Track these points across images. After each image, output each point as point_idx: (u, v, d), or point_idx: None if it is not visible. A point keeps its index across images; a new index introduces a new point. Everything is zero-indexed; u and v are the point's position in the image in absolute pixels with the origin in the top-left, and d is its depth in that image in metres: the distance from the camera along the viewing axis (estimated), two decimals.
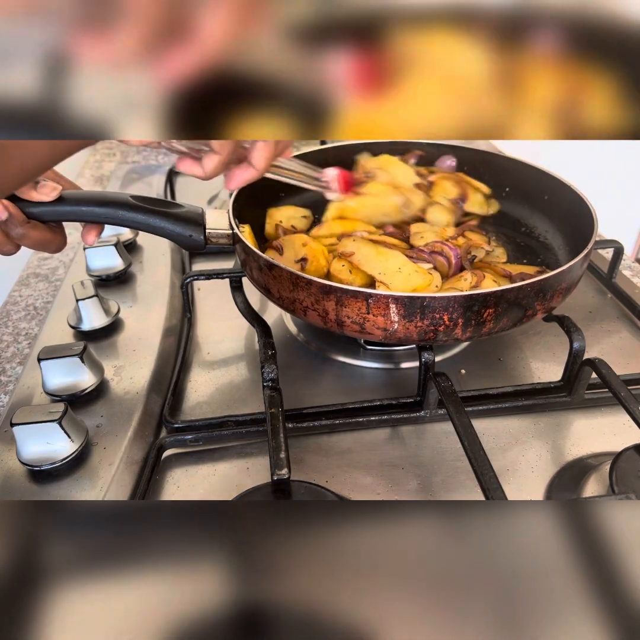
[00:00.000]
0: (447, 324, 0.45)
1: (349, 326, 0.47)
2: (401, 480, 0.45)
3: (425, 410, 0.50)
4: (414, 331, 0.46)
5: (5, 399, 0.53)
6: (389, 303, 0.44)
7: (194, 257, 0.74)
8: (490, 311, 0.45)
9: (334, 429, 0.49)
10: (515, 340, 0.60)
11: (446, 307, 0.44)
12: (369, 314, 0.45)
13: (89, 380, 0.51)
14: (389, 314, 0.45)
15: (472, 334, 0.47)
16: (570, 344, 0.50)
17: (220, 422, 0.49)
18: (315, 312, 0.48)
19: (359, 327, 0.47)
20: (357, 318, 0.46)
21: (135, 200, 0.49)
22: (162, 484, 0.45)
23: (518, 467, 0.46)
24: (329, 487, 0.42)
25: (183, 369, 0.56)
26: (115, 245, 0.67)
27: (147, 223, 0.49)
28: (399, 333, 0.46)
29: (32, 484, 0.43)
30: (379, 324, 0.46)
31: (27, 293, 0.69)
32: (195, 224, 0.51)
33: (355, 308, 0.46)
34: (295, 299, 0.48)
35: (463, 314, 0.45)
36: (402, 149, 0.72)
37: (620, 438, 0.48)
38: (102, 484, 0.43)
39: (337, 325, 0.48)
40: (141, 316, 0.61)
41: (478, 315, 0.45)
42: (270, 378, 0.47)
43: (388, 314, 0.45)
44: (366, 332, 0.47)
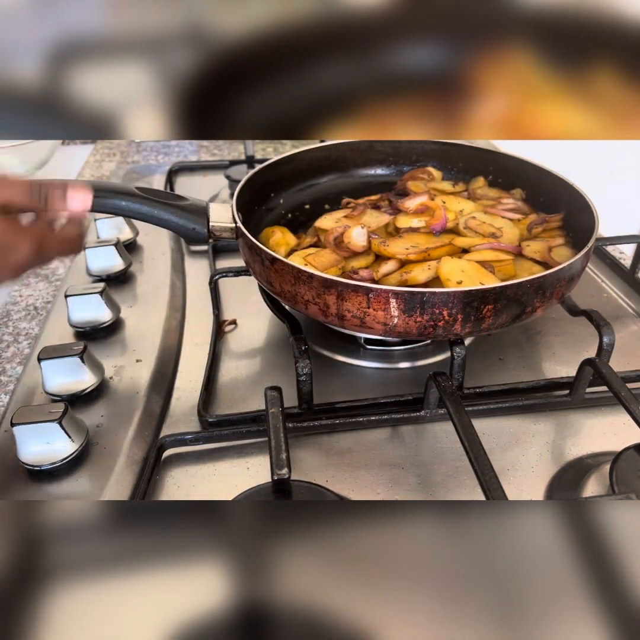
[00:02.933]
0: (446, 319, 0.46)
1: (349, 320, 0.47)
2: (401, 480, 0.45)
3: (425, 410, 0.49)
4: (414, 326, 0.46)
5: (6, 399, 0.53)
6: (389, 298, 0.45)
7: (217, 255, 0.74)
8: (489, 307, 0.46)
9: (334, 429, 0.49)
10: (515, 339, 0.60)
11: (446, 302, 0.45)
12: (370, 308, 0.46)
13: (89, 380, 0.51)
14: (389, 309, 0.45)
15: (471, 330, 0.47)
16: (599, 338, 0.50)
17: (254, 416, 0.49)
18: (316, 306, 0.48)
19: (359, 322, 0.47)
20: (357, 312, 0.46)
21: (140, 192, 0.49)
22: (162, 484, 0.45)
23: (518, 467, 0.46)
24: (329, 487, 0.42)
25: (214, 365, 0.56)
26: (116, 245, 0.67)
27: (152, 214, 0.50)
28: (398, 328, 0.46)
29: (32, 484, 0.43)
30: (379, 319, 0.46)
31: (28, 293, 0.69)
32: (199, 217, 0.52)
33: (356, 302, 0.46)
34: (297, 293, 0.49)
35: (462, 310, 0.45)
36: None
37: (621, 438, 0.48)
38: (102, 484, 0.43)
39: (337, 319, 0.48)
40: (141, 316, 0.61)
41: (477, 311, 0.46)
42: (305, 373, 0.47)
43: (388, 308, 0.45)
44: (366, 327, 0.47)
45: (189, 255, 0.76)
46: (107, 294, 0.60)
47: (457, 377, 0.50)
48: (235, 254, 0.75)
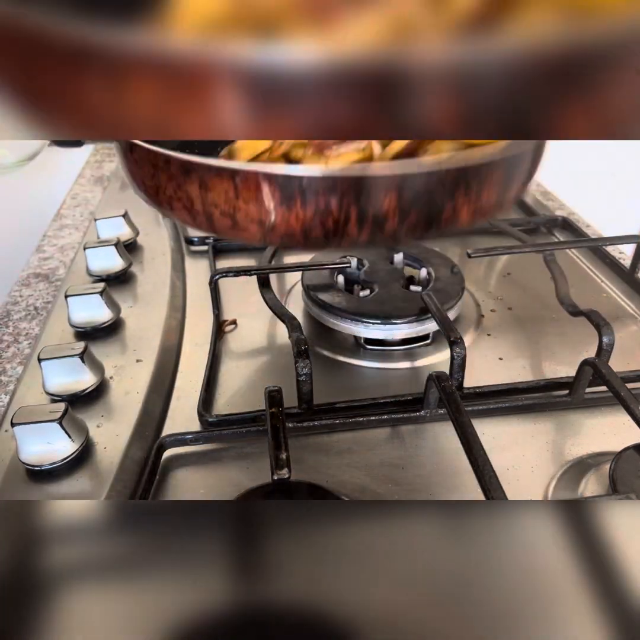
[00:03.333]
0: (335, 216, 0.35)
1: (219, 221, 0.37)
2: (401, 480, 0.45)
3: (425, 409, 0.50)
4: (297, 226, 0.36)
5: (6, 399, 0.53)
6: (260, 182, 0.34)
7: (217, 255, 0.74)
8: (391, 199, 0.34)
9: (334, 429, 0.49)
10: (515, 339, 0.60)
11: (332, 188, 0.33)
12: (239, 199, 0.35)
13: (89, 380, 0.51)
14: (262, 199, 0.35)
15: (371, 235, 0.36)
16: (599, 338, 0.50)
17: (254, 416, 0.49)
18: (180, 203, 0.38)
19: (231, 221, 0.37)
20: (225, 207, 0.36)
21: None
22: (163, 484, 0.45)
23: (518, 466, 0.46)
24: (329, 487, 0.42)
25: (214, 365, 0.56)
26: (116, 245, 0.67)
27: None
28: (278, 229, 0.36)
29: (32, 483, 0.43)
30: (253, 215, 0.36)
31: (28, 293, 0.69)
32: None
33: (222, 191, 0.35)
34: (158, 187, 0.38)
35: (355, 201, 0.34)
36: None
37: (621, 438, 0.48)
38: (103, 484, 0.43)
39: (206, 220, 0.38)
40: (142, 316, 0.62)
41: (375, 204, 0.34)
42: (305, 373, 0.47)
43: (261, 198, 0.35)
44: (240, 229, 0.37)
45: (189, 255, 0.76)
46: (108, 294, 0.60)
47: (457, 377, 0.50)
48: (236, 254, 0.76)
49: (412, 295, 0.59)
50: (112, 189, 0.95)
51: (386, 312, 0.57)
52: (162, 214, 0.43)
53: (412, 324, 0.57)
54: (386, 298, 0.59)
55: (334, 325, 0.58)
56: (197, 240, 0.77)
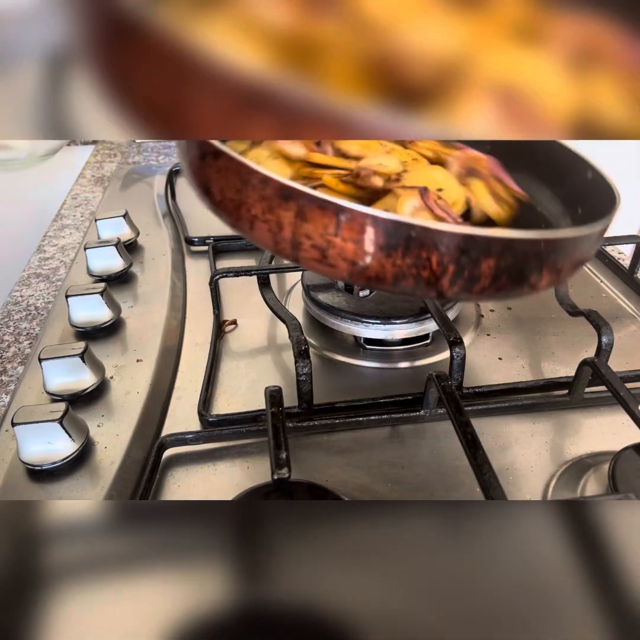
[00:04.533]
0: (433, 270, 0.35)
1: (306, 251, 0.36)
2: (401, 480, 0.45)
3: (425, 409, 0.50)
4: (390, 271, 0.35)
5: (7, 399, 0.53)
6: (366, 225, 0.34)
7: (217, 255, 0.74)
8: (490, 262, 0.35)
9: (334, 429, 0.49)
10: (515, 339, 0.60)
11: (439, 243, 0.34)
12: (337, 236, 0.34)
13: (89, 380, 0.51)
14: (362, 241, 0.34)
15: (459, 292, 0.37)
16: (598, 338, 0.50)
17: (254, 416, 0.49)
18: (265, 225, 0.36)
19: (320, 255, 0.36)
20: (319, 240, 0.35)
21: None
22: (163, 484, 0.45)
23: (517, 466, 0.46)
24: (329, 487, 0.43)
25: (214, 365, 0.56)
26: (116, 245, 0.68)
27: None
28: (369, 271, 0.36)
29: (32, 483, 0.43)
30: (347, 254, 0.35)
31: (28, 293, 0.70)
32: None
33: (320, 225, 0.34)
34: (242, 203, 0.37)
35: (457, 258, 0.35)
36: None
37: (620, 437, 0.48)
38: (103, 483, 0.43)
39: (290, 248, 0.37)
40: (142, 316, 0.62)
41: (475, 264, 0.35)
42: (305, 372, 0.47)
43: (362, 240, 0.34)
44: (327, 264, 0.36)
45: (189, 255, 0.76)
46: (108, 294, 0.60)
47: (456, 377, 0.50)
48: (236, 254, 0.76)
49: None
50: (113, 189, 0.95)
51: (386, 312, 0.57)
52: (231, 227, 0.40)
53: (412, 324, 0.57)
54: (386, 298, 0.59)
55: (333, 325, 0.58)
56: (197, 240, 0.77)
